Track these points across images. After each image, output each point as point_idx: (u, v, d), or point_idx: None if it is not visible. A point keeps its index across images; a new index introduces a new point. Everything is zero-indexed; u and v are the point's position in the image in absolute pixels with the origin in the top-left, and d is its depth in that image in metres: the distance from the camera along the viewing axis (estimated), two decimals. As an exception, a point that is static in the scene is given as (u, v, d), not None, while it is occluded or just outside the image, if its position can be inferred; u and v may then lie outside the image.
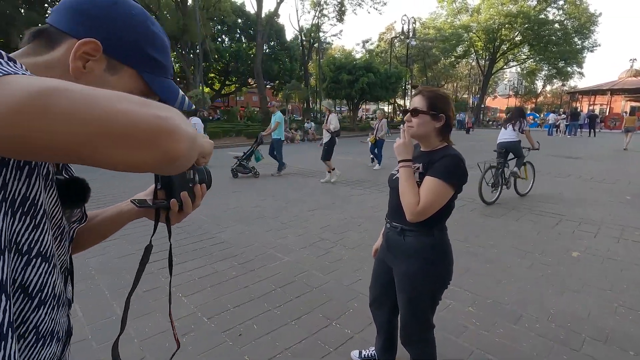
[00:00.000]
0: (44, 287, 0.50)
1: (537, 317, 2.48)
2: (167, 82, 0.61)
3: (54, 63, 0.51)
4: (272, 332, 2.31)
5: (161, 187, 0.68)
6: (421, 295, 1.53)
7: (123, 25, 0.54)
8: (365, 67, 20.50)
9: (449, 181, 1.39)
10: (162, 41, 0.60)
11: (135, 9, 0.57)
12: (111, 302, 2.66)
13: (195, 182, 0.68)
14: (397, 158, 1.49)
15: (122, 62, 0.55)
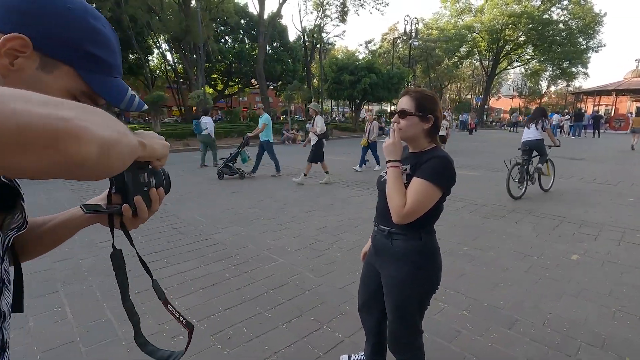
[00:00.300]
0: None
1: (532, 322, 2.43)
2: (112, 81, 0.58)
3: None
4: (262, 336, 2.28)
5: (115, 191, 0.65)
6: (409, 300, 1.49)
7: (57, 21, 0.51)
8: (368, 68, 20.45)
9: (437, 183, 1.36)
10: (104, 37, 0.56)
11: (73, 3, 0.53)
12: (102, 304, 2.65)
13: (151, 186, 0.65)
14: (386, 158, 1.46)
15: (57, 59, 0.52)
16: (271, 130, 8.18)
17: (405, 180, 1.43)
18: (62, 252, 3.54)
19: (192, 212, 5.13)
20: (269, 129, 7.99)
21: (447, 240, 3.98)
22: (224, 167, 7.75)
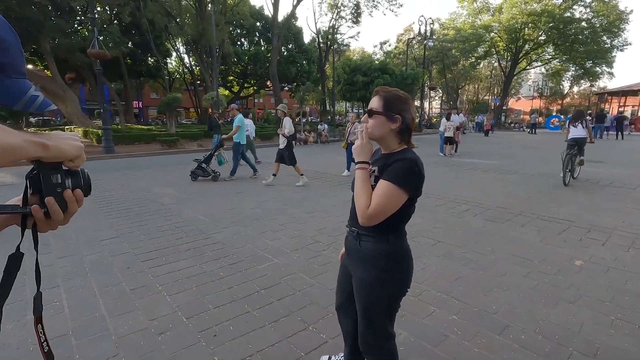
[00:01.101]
0: None
1: (523, 328, 2.37)
2: (7, 82, 0.59)
3: None
4: (247, 334, 2.30)
5: (33, 192, 0.63)
6: (377, 302, 1.48)
7: None
8: (381, 69, 20.36)
9: (401, 185, 1.34)
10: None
11: None
12: (98, 300, 2.73)
13: (65, 187, 0.64)
14: (355, 159, 1.46)
15: None
16: (244, 133, 8.04)
17: (373, 181, 1.42)
18: (67, 248, 3.68)
19: (196, 211, 5.23)
20: (242, 130, 7.87)
21: (445, 243, 3.92)
22: (197, 168, 7.69)
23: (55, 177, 0.62)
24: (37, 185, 0.62)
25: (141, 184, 7.36)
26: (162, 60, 28.45)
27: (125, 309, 2.58)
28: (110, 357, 2.08)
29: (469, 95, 53.95)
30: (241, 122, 7.86)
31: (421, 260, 3.46)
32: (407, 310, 2.57)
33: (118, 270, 3.24)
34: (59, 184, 0.63)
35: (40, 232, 0.66)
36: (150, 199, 5.98)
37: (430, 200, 5.93)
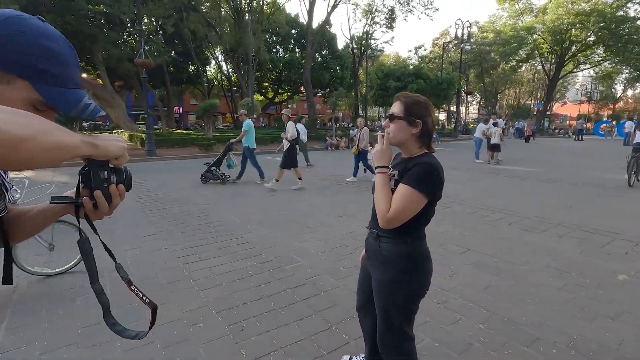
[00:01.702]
0: None
1: (555, 342, 2.27)
2: (65, 92, 0.69)
3: None
4: (272, 331, 2.39)
5: (84, 186, 0.73)
6: (394, 303, 1.51)
7: (13, 43, 0.62)
8: (415, 74, 20.08)
9: (420, 189, 1.37)
10: (57, 54, 0.67)
11: (28, 26, 0.64)
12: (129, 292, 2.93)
13: (110, 182, 0.72)
14: (375, 164, 1.50)
15: (14, 74, 0.64)
16: (253, 137, 8.08)
17: (393, 185, 1.46)
18: (110, 243, 3.98)
19: (228, 212, 5.44)
20: (250, 135, 7.93)
21: (476, 251, 3.82)
22: (207, 171, 7.88)
23: (102, 173, 0.71)
24: (88, 180, 0.72)
25: (179, 185, 7.76)
26: (202, 68, 29.81)
27: (161, 301, 2.76)
28: (147, 343, 2.25)
29: (509, 100, 51.72)
30: (248, 126, 7.96)
31: (449, 267, 3.41)
32: (432, 317, 2.55)
33: (156, 265, 3.47)
34: (106, 179, 0.72)
35: (94, 219, 0.77)
36: (186, 200, 6.30)
37: (461, 207, 5.78)
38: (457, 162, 12.14)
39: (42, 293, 2.90)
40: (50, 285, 3.04)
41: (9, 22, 0.64)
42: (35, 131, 0.52)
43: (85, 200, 0.71)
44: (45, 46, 0.66)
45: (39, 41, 0.65)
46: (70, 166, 9.40)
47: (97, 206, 0.72)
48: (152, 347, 2.21)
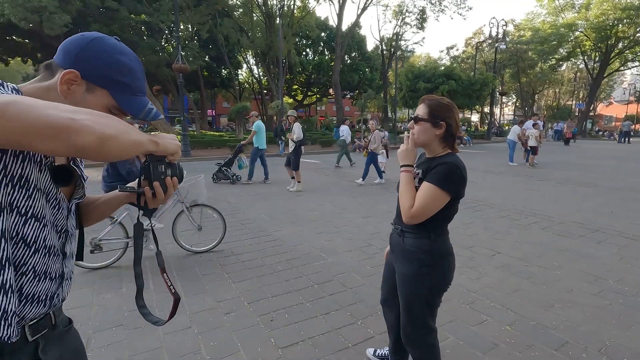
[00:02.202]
0: (38, 239, 0.76)
1: (586, 347, 2.23)
2: (134, 99, 0.84)
3: (52, 86, 0.77)
4: (300, 322, 2.51)
5: (144, 178, 0.85)
6: (417, 296, 1.57)
7: (96, 59, 0.77)
8: (446, 75, 19.67)
9: (443, 187, 1.44)
10: (128, 68, 0.81)
11: (107, 45, 0.78)
12: (176, 280, 3.16)
13: (167, 175, 0.84)
14: (400, 163, 1.58)
15: (97, 85, 0.79)
16: (263, 138, 8.16)
17: (417, 183, 1.53)
18: (153, 236, 4.26)
19: (259, 210, 5.65)
20: (259, 136, 8.04)
21: (505, 254, 3.76)
22: (218, 171, 8.15)
23: (160, 167, 0.84)
24: (148, 173, 0.84)
25: (212, 184, 8.10)
26: (234, 71, 30.75)
27: (198, 291, 2.96)
28: (185, 328, 2.43)
29: (548, 101, 49.28)
30: (258, 127, 8.09)
31: (477, 270, 3.38)
32: (457, 317, 2.57)
33: (192, 258, 3.70)
34: (163, 172, 0.85)
35: (150, 207, 0.91)
36: (219, 198, 6.59)
37: (493, 211, 5.66)
38: (490, 165, 11.79)
39: (93, 280, 3.18)
40: (99, 274, 3.33)
41: (95, 43, 0.79)
42: (118, 131, 0.66)
43: (146, 189, 0.84)
44: (121, 62, 0.81)
45: (117, 57, 0.80)
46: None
47: (155, 195, 0.85)
48: (190, 332, 2.39)
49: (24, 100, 0.59)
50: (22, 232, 0.73)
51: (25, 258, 0.74)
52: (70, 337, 0.96)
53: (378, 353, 2.10)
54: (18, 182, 0.70)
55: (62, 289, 0.87)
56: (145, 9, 17.66)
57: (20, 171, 0.70)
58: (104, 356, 2.12)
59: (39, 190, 0.74)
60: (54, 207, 0.80)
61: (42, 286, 0.79)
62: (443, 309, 2.64)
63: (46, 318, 0.83)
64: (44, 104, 0.60)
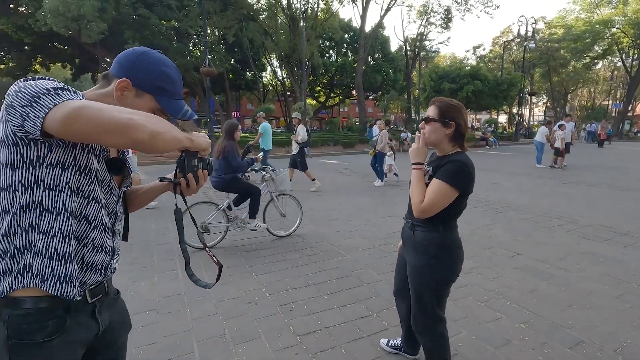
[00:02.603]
0: (96, 218, 0.93)
1: (601, 347, 2.24)
2: (173, 102, 1.00)
3: (109, 93, 0.95)
4: (318, 313, 2.64)
5: (179, 170, 1.00)
6: (426, 286, 1.67)
7: (143, 70, 0.94)
8: (471, 75, 19.28)
9: (452, 184, 1.53)
10: (169, 77, 0.97)
11: (153, 57, 0.95)
12: (203, 272, 3.37)
13: (199, 168, 0.98)
14: (411, 161, 1.68)
15: (144, 91, 0.96)
16: (269, 139, 8.34)
17: (427, 180, 1.63)
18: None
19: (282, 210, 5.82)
20: (266, 137, 8.20)
21: (526, 256, 3.74)
22: None
23: (193, 161, 0.98)
24: (183, 166, 0.98)
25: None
26: (259, 74, 31.37)
27: (223, 282, 3.15)
28: (211, 314, 2.62)
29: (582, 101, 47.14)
30: (264, 129, 8.26)
31: (494, 270, 3.40)
32: (471, 314, 2.63)
33: (217, 252, 3.91)
34: (195, 165, 0.99)
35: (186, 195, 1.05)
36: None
37: (516, 213, 5.58)
38: (516, 167, 11.50)
39: (128, 270, 3.44)
40: (132, 264, 3.59)
41: (143, 57, 0.97)
42: (164, 129, 0.82)
43: (181, 180, 0.99)
44: (163, 72, 0.98)
45: (160, 68, 0.98)
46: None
47: (189, 185, 0.99)
48: (215, 319, 2.58)
49: (93, 105, 0.76)
50: (85, 211, 0.91)
51: (87, 233, 0.92)
52: (119, 304, 1.13)
53: (391, 343, 2.20)
54: (84, 170, 0.88)
55: (113, 262, 1.04)
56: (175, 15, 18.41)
57: (85, 162, 0.88)
58: (140, 336, 2.33)
59: (97, 177, 0.92)
60: (107, 192, 0.97)
61: (99, 257, 0.96)
62: (458, 305, 2.71)
63: (101, 285, 1.01)
64: (109, 107, 0.77)
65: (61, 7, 13.91)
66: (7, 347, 0.84)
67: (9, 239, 0.85)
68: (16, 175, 0.82)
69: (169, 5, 18.04)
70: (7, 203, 0.84)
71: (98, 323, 0.99)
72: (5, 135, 0.80)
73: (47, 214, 0.85)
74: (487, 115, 37.53)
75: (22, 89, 0.78)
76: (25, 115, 0.75)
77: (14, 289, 0.85)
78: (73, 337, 0.92)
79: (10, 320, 0.85)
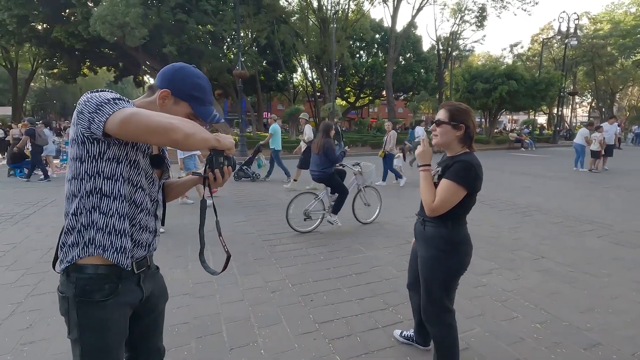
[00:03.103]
0: (142, 203, 1.14)
1: (619, 349, 2.23)
2: (204, 108, 1.19)
3: (153, 101, 1.15)
4: (337, 304, 2.80)
5: (208, 167, 1.18)
6: (435, 277, 1.78)
7: (180, 82, 1.14)
8: (506, 75, 18.61)
9: (459, 182, 1.64)
10: (201, 87, 1.16)
11: (188, 71, 1.15)
12: (232, 262, 3.62)
13: (224, 164, 1.15)
14: (419, 163, 1.81)
15: (181, 99, 1.16)
16: (279, 139, 8.55)
17: (437, 179, 1.75)
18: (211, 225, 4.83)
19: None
20: (276, 138, 8.45)
21: (550, 259, 3.70)
22: (239, 170, 8.70)
23: (220, 158, 1.17)
24: (211, 163, 1.17)
25: (265, 182, 8.70)
26: (289, 75, 31.90)
27: (250, 272, 3.39)
28: (238, 300, 2.85)
29: (631, 101, 43.97)
30: (274, 130, 8.54)
31: (515, 271, 3.40)
32: (487, 312, 2.68)
33: (245, 245, 4.16)
34: (222, 162, 1.17)
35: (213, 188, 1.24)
36: (271, 195, 7.11)
37: (545, 217, 5.45)
38: (552, 170, 11.04)
39: (164, 258, 3.75)
40: (169, 253, 3.91)
41: (180, 71, 1.17)
42: (195, 131, 1.01)
43: (210, 175, 1.17)
44: (197, 83, 1.18)
45: (194, 80, 1.18)
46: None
47: (216, 179, 1.18)
48: (242, 304, 2.80)
49: (142, 112, 0.96)
50: (134, 197, 1.12)
51: (135, 215, 1.14)
52: (158, 277, 1.35)
53: (404, 334, 2.32)
54: (133, 164, 1.10)
55: (154, 241, 1.25)
56: (211, 19, 19.16)
57: (134, 157, 1.09)
58: (174, 316, 2.59)
59: (143, 170, 1.13)
60: (150, 182, 1.19)
61: (144, 236, 1.18)
62: (473, 303, 2.78)
63: (145, 259, 1.22)
64: (154, 114, 0.98)
65: (109, 15, 14.95)
66: (75, 303, 1.08)
67: (76, 218, 1.08)
68: (83, 167, 1.05)
69: (205, 10, 18.81)
70: (76, 189, 1.07)
71: (142, 291, 1.21)
72: (76, 135, 1.03)
73: (105, 198, 1.07)
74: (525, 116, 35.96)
75: (89, 99, 1.00)
76: (91, 120, 0.97)
77: (81, 257, 1.08)
78: (123, 299, 1.14)
79: (77, 282, 1.08)
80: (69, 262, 1.09)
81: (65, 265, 1.10)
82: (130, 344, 1.27)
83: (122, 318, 1.16)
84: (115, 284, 1.11)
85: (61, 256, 1.11)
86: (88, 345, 1.10)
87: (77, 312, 1.08)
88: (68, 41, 18.65)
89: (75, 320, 1.09)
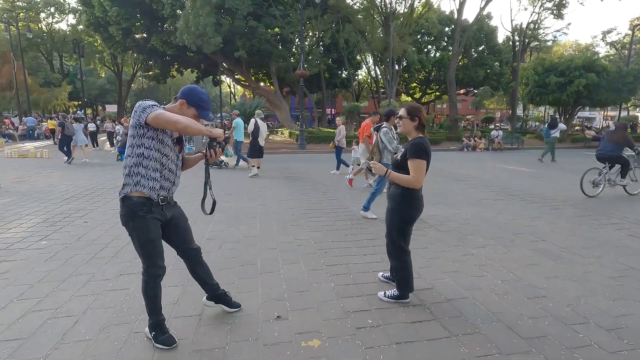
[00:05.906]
0: (166, 164, 2.10)
1: (559, 301, 2.73)
2: (204, 112, 2.13)
3: (175, 106, 2.08)
4: (344, 256, 3.64)
5: (209, 147, 2.14)
6: (393, 223, 2.58)
7: (192, 96, 2.07)
8: (585, 67, 17.14)
9: (419, 157, 2.41)
10: (203, 100, 2.07)
11: (197, 90, 2.09)
12: (273, 228, 4.67)
13: (217, 146, 2.09)
14: (382, 176, 2.61)
15: (192, 106, 2.10)
16: (241, 132, 10.05)
17: (399, 157, 2.52)
18: (262, 199, 5.96)
19: (344, 192, 6.91)
20: (238, 130, 9.96)
21: (550, 242, 4.09)
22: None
23: (214, 143, 2.13)
24: (209, 146, 2.14)
25: (316, 171, 9.76)
26: (353, 72, 32.61)
27: (286, 233, 4.40)
28: (272, 248, 3.86)
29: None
30: (237, 123, 10.07)
31: (508, 247, 3.89)
32: (462, 270, 3.31)
33: (287, 216, 5.20)
34: (215, 145, 2.13)
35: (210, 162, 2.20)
36: (317, 180, 8.11)
37: (575, 210, 5.58)
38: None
39: (225, 217, 4.95)
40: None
41: (192, 90, 2.13)
42: (192, 123, 1.97)
43: (208, 153, 2.14)
44: (201, 97, 2.13)
45: (199, 96, 2.12)
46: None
47: (211, 155, 2.13)
48: (274, 251, 3.80)
49: (166, 112, 1.95)
50: (161, 160, 2.08)
51: (162, 171, 2.11)
52: (177, 206, 2.32)
53: (384, 275, 3.10)
54: (162, 140, 2.07)
55: (173, 189, 2.20)
56: (279, 22, 20.77)
57: (162, 137, 2.06)
58: (227, 253, 3.68)
59: (168, 146, 2.11)
60: (173, 153, 2.16)
61: (167, 184, 2.15)
62: (455, 265, 3.43)
63: (167, 197, 2.18)
64: (170, 114, 1.94)
65: (192, 27, 17.29)
66: (130, 216, 2.06)
67: (131, 169, 2.06)
68: (134, 140, 2.03)
69: (274, 15, 20.47)
70: (132, 153, 2.06)
71: (165, 215, 2.18)
72: (135, 122, 2.00)
73: (145, 160, 2.04)
74: (603, 111, 31.84)
75: (139, 105, 1.98)
76: (140, 116, 1.95)
77: (131, 192, 2.07)
78: (155, 216, 2.10)
79: (128, 205, 2.06)
80: (124, 194, 2.07)
81: (122, 195, 2.07)
82: (175, 247, 2.30)
83: (155, 226, 2.11)
84: (149, 207, 2.06)
85: (120, 190, 2.09)
86: (139, 238, 2.07)
87: (132, 222, 2.07)
88: (162, 48, 21.77)
89: (131, 226, 2.07)
